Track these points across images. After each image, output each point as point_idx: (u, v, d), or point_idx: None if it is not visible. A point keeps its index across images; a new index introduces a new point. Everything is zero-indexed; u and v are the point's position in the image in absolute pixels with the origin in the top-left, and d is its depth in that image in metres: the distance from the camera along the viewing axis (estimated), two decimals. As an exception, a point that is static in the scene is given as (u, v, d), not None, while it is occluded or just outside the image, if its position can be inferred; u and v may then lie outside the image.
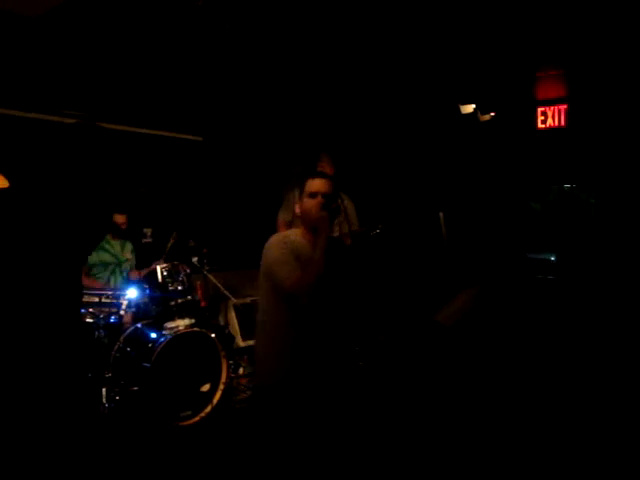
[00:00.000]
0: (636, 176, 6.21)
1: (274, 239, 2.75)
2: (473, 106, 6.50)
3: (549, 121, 6.61)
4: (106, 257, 5.09)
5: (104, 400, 4.20)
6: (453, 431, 4.09)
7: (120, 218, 5.18)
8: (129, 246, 5.34)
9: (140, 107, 6.00)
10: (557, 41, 5.32)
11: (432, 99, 6.60)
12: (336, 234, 5.15)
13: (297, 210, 2.84)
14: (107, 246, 5.12)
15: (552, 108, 6.58)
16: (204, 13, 4.06)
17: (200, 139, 6.70)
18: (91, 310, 4.46)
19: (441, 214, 6.07)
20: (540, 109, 6.64)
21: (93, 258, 5.01)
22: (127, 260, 5.27)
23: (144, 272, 5.02)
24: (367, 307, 6.43)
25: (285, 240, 2.73)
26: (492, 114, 6.62)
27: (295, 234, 2.82)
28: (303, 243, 2.75)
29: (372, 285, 6.74)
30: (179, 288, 4.81)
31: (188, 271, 4.97)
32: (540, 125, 6.66)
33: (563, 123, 6.52)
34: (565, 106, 6.51)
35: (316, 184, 2.78)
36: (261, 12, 4.26)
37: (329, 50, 5.23)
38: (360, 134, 7.08)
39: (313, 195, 2.76)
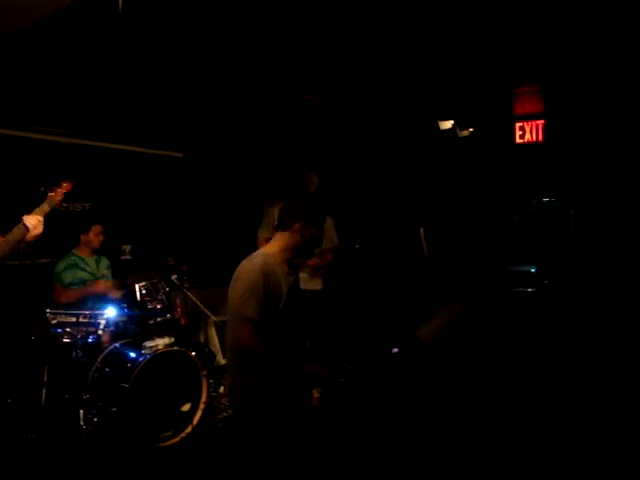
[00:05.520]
0: (613, 188, 6.30)
1: (256, 263, 2.65)
2: (452, 122, 6.55)
3: (527, 136, 6.69)
4: (82, 274, 5.00)
5: (82, 422, 4.12)
6: (434, 450, 4.07)
7: (97, 229, 5.10)
8: (105, 262, 5.25)
9: (120, 123, 5.96)
10: (534, 57, 5.39)
11: (411, 116, 6.64)
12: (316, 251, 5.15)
13: (296, 236, 2.73)
14: (82, 264, 5.03)
15: (530, 123, 6.67)
16: (182, 31, 4.06)
17: (180, 155, 6.68)
18: (68, 330, 4.38)
19: (421, 230, 6.10)
20: (518, 124, 6.72)
21: (68, 277, 4.92)
22: (103, 276, 5.19)
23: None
24: (349, 324, 6.43)
25: (266, 269, 2.62)
26: (470, 130, 6.68)
27: (273, 258, 2.71)
28: (277, 274, 2.66)
29: (355, 301, 6.75)
30: (158, 306, 4.75)
31: (167, 289, 4.91)
32: (518, 140, 6.74)
33: (541, 138, 6.61)
34: (542, 121, 6.59)
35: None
36: (239, 30, 4.27)
37: (308, 66, 5.25)
38: (340, 151, 7.10)
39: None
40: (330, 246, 5.33)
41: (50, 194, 3.71)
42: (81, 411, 4.15)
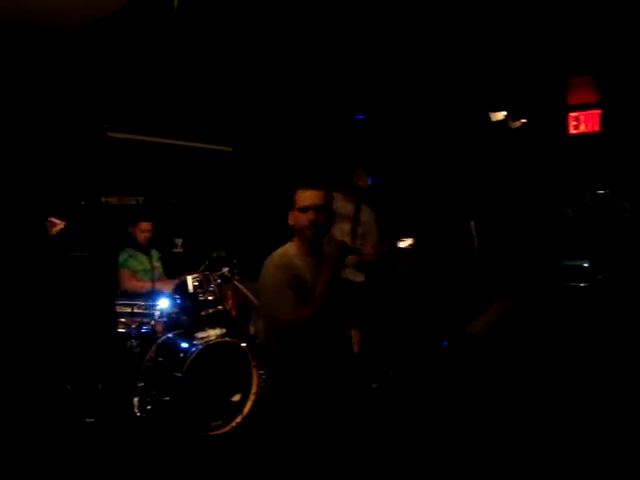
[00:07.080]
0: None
1: (273, 261, 2.65)
2: (504, 113, 6.44)
3: (582, 127, 6.52)
4: (135, 265, 5.14)
5: (136, 409, 4.23)
6: (483, 442, 4.04)
7: (145, 225, 5.22)
8: (156, 254, 5.37)
9: (171, 119, 6.07)
10: (589, 46, 5.24)
11: (463, 108, 6.55)
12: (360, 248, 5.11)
13: (290, 221, 2.76)
14: (136, 255, 5.16)
15: (585, 113, 6.49)
16: (234, 26, 4.09)
17: (230, 149, 6.75)
18: (123, 320, 4.51)
19: (472, 223, 6.01)
20: (572, 115, 6.56)
21: (131, 265, 5.08)
22: (155, 268, 5.30)
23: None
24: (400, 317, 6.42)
25: (283, 262, 2.62)
26: (523, 121, 6.55)
27: (293, 251, 2.71)
28: (301, 265, 2.66)
29: (406, 298, 6.72)
30: (210, 298, 4.83)
31: (219, 281, 4.99)
32: (572, 131, 6.57)
33: (597, 128, 6.44)
34: (599, 111, 6.42)
35: (307, 197, 2.68)
36: (290, 26, 4.28)
37: (360, 58, 5.22)
38: (392, 145, 7.06)
39: (304, 209, 2.66)
40: (369, 241, 5.27)
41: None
42: (135, 399, 4.25)
